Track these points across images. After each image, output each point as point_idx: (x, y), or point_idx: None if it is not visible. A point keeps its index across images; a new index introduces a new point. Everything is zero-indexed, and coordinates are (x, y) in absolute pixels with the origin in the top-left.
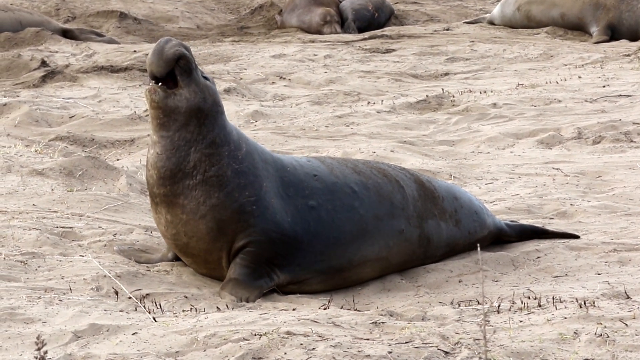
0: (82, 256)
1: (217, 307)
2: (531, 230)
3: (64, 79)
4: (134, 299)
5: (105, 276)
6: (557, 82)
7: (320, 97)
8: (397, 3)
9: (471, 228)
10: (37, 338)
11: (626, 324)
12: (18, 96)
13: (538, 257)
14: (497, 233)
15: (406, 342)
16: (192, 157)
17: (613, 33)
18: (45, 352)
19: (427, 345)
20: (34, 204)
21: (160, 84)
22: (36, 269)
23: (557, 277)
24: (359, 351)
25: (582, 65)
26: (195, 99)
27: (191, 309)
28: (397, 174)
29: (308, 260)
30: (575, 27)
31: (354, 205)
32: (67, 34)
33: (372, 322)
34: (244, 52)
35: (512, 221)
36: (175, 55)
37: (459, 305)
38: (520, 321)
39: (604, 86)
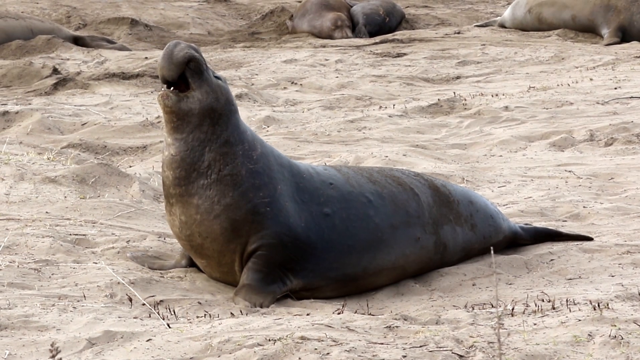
0: (96, 263)
1: (231, 313)
2: (545, 232)
3: (75, 86)
4: (148, 305)
5: (119, 283)
6: (569, 85)
7: (332, 101)
8: (407, 7)
9: (486, 232)
10: (52, 345)
11: None
12: (30, 104)
13: (551, 260)
14: (512, 237)
15: (420, 346)
16: (207, 157)
17: (624, 35)
18: None
19: (442, 348)
20: (47, 212)
21: (172, 88)
22: (50, 277)
23: (570, 279)
24: (373, 355)
25: (594, 68)
26: (208, 99)
27: (205, 314)
28: (412, 181)
29: (322, 267)
30: (586, 29)
31: (369, 214)
32: (78, 41)
33: (386, 327)
34: (255, 57)
35: (525, 224)
36: (185, 57)
37: (473, 309)
38: (534, 324)
39: (615, 88)
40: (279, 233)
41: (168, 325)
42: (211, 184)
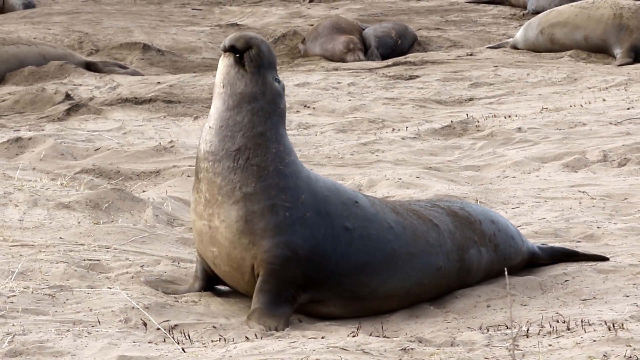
0: (110, 288)
1: (246, 337)
2: (562, 252)
3: (88, 111)
4: (163, 330)
5: (133, 308)
6: (582, 105)
7: (344, 124)
8: (419, 29)
9: (507, 254)
10: None
11: None
12: (43, 130)
13: (566, 281)
14: (530, 258)
15: None
16: (239, 141)
17: (636, 55)
18: None
19: None
20: (60, 237)
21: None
22: (64, 302)
23: (585, 300)
24: None
25: (606, 88)
26: (254, 88)
27: (220, 339)
28: (430, 212)
29: (331, 281)
30: (598, 50)
31: (388, 238)
32: (90, 67)
33: (401, 349)
34: None
35: (542, 244)
36: (252, 40)
37: (488, 330)
38: (550, 345)
39: (628, 108)
40: (294, 244)
41: (183, 349)
42: (237, 169)
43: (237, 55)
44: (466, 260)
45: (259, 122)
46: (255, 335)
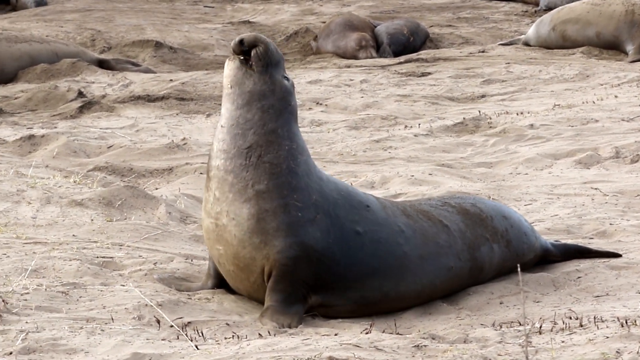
0: (123, 285)
1: (259, 334)
2: (575, 249)
3: (101, 109)
4: (176, 327)
5: (146, 305)
6: (594, 102)
7: (357, 121)
8: (432, 26)
9: (519, 250)
10: None
11: None
12: (56, 127)
13: (579, 277)
14: (544, 254)
15: None
16: (250, 139)
17: None
18: None
19: None
20: (74, 235)
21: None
22: (77, 300)
23: (598, 296)
24: None
25: (619, 85)
26: (263, 86)
27: (233, 336)
28: (440, 212)
29: (342, 286)
30: (611, 46)
31: (399, 241)
32: (103, 65)
33: (414, 346)
34: None
35: (555, 241)
36: (259, 39)
37: (501, 327)
38: (562, 341)
39: None
40: (305, 245)
41: (196, 346)
42: (249, 166)
43: (243, 58)
44: (478, 258)
45: (270, 119)
46: (269, 332)
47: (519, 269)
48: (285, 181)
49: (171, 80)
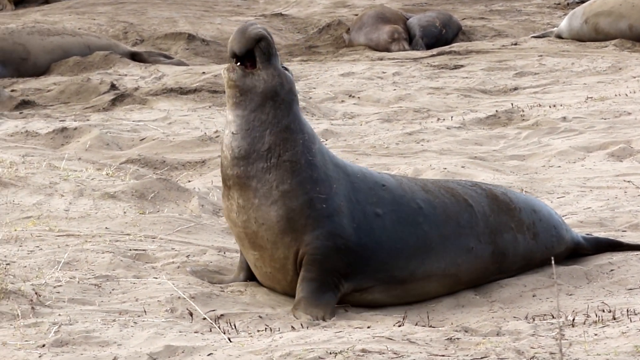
0: (156, 278)
1: (292, 327)
2: (606, 243)
3: (133, 101)
4: (209, 319)
5: (179, 297)
6: (627, 95)
7: (389, 114)
8: (464, 19)
9: (548, 243)
10: None
11: None
12: (88, 120)
13: (611, 270)
14: (575, 247)
15: (482, 358)
16: (267, 140)
17: None
18: None
19: None
20: (106, 227)
21: (239, 63)
22: (110, 292)
23: (631, 289)
24: None
25: None
26: (273, 82)
27: (266, 328)
28: (467, 191)
29: (371, 269)
30: None
31: (419, 220)
32: (135, 57)
33: (447, 338)
34: (313, 71)
35: (587, 234)
36: (257, 35)
37: (534, 320)
38: (595, 334)
39: None
40: (333, 234)
41: (229, 339)
42: (270, 168)
43: (242, 64)
44: (499, 244)
45: (283, 115)
46: (301, 324)
47: (552, 262)
48: (306, 176)
49: (203, 72)
